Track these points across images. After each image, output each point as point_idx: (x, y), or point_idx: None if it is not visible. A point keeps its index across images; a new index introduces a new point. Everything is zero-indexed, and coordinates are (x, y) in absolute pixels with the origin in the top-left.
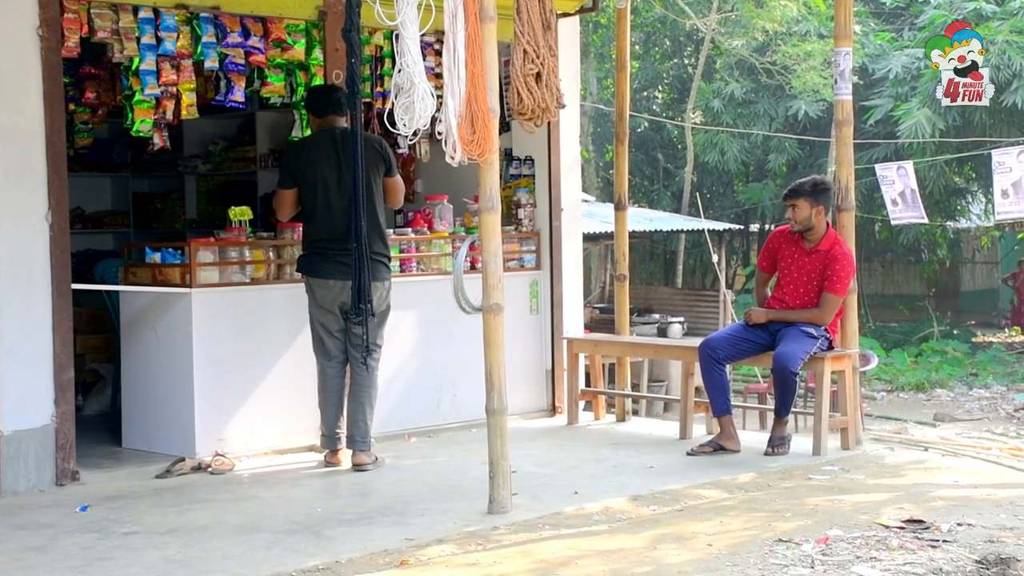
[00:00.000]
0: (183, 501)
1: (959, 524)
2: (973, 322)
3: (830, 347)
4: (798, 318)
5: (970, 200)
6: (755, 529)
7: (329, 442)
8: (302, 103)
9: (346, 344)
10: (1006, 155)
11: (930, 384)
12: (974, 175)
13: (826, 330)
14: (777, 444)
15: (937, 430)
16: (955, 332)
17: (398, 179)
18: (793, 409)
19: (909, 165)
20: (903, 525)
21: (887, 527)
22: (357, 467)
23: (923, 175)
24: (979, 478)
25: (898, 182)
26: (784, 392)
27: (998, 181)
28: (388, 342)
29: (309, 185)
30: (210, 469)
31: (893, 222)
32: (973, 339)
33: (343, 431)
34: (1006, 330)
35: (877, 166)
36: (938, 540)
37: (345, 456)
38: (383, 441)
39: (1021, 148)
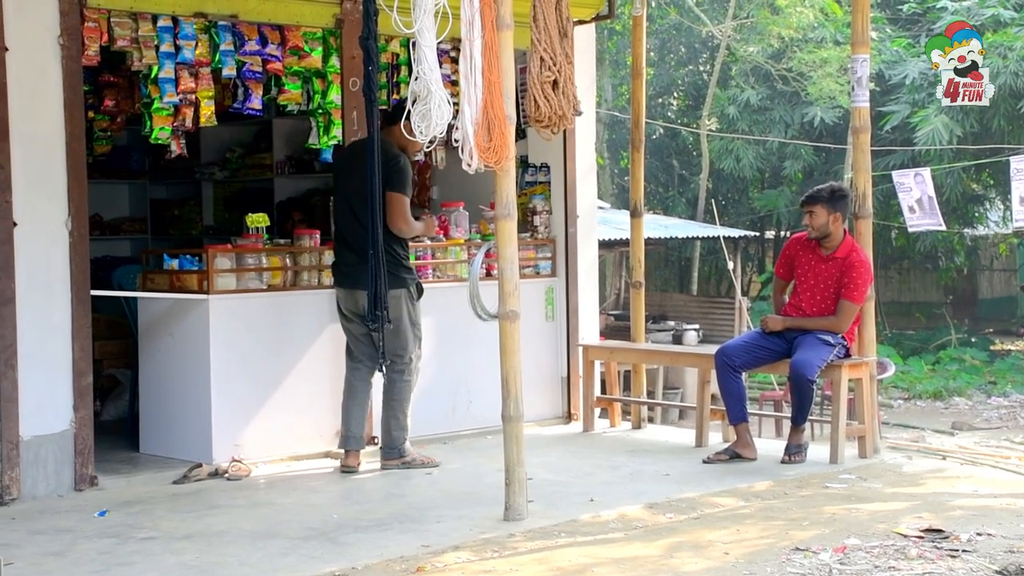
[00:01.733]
0: (200, 507)
1: (979, 534)
2: (991, 330)
3: (847, 355)
4: (815, 326)
5: (988, 207)
6: (772, 538)
7: (344, 442)
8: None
9: (372, 350)
10: None
11: (948, 392)
12: (992, 182)
13: (843, 338)
14: (794, 452)
15: (955, 439)
16: (973, 340)
17: (394, 196)
18: (810, 417)
19: (926, 172)
20: (922, 534)
21: (905, 536)
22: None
23: (940, 182)
24: (998, 487)
25: (915, 189)
26: (801, 400)
27: (1016, 188)
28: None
29: (338, 195)
30: (227, 475)
31: (910, 229)
32: (991, 347)
33: (362, 433)
34: None
35: (894, 173)
36: (957, 550)
37: (360, 458)
38: None
39: None
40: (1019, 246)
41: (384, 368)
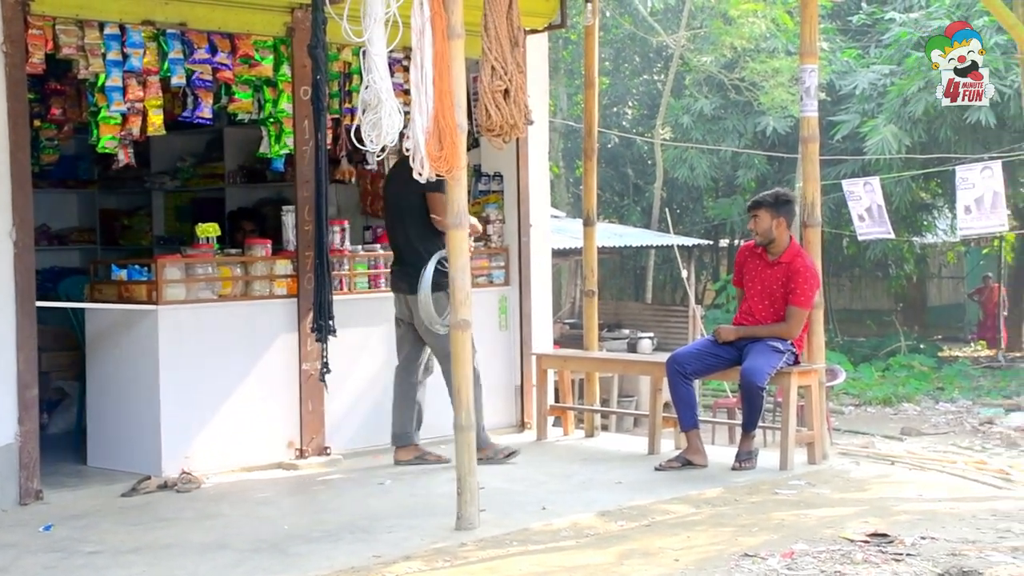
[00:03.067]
0: (149, 519)
1: (923, 538)
2: (940, 337)
3: (796, 362)
4: (766, 333)
5: (936, 215)
6: (721, 544)
7: (396, 439)
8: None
9: (413, 353)
10: (969, 171)
11: (897, 398)
12: (940, 191)
13: (792, 344)
14: (744, 459)
15: (904, 444)
16: (922, 346)
17: (432, 195)
18: (761, 424)
19: (876, 181)
20: (868, 539)
21: (852, 541)
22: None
23: (889, 191)
24: (943, 492)
25: (865, 198)
26: (751, 407)
27: (961, 197)
28: (357, 357)
29: (387, 206)
30: (176, 487)
31: (860, 237)
32: (939, 353)
33: (408, 431)
34: (972, 344)
35: (844, 182)
36: (902, 554)
37: (409, 453)
38: (351, 458)
39: (984, 165)
40: (966, 254)
41: (324, 376)
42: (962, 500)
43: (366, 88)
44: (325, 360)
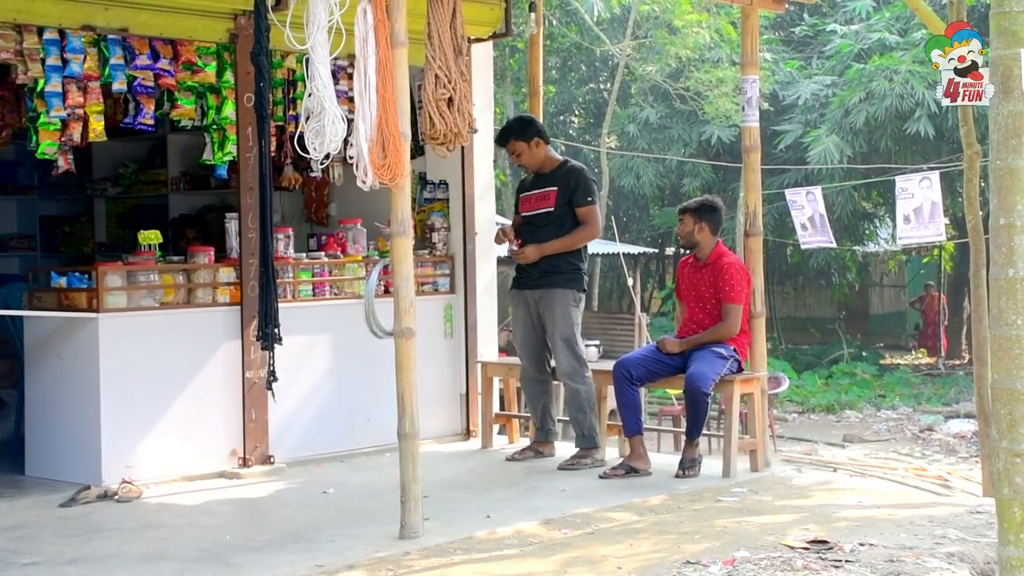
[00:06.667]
0: (87, 530)
1: (861, 544)
2: (881, 344)
3: (740, 369)
4: (708, 338)
5: (877, 225)
6: (664, 551)
7: (538, 433)
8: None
9: (540, 354)
10: (909, 181)
11: (840, 406)
12: (881, 200)
13: (735, 350)
14: (688, 466)
15: (846, 451)
16: (864, 354)
17: (588, 209)
18: (705, 431)
19: (818, 190)
20: (808, 546)
21: (792, 548)
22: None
23: (831, 200)
24: (882, 498)
25: (807, 207)
26: (695, 414)
27: (901, 207)
28: (301, 366)
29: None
30: (117, 497)
31: (803, 246)
32: (881, 361)
33: (548, 425)
34: (913, 352)
35: (787, 191)
36: (841, 560)
37: (548, 448)
38: (295, 466)
39: (923, 175)
40: (907, 263)
41: (271, 384)
42: (901, 507)
43: (309, 96)
44: (272, 368)
